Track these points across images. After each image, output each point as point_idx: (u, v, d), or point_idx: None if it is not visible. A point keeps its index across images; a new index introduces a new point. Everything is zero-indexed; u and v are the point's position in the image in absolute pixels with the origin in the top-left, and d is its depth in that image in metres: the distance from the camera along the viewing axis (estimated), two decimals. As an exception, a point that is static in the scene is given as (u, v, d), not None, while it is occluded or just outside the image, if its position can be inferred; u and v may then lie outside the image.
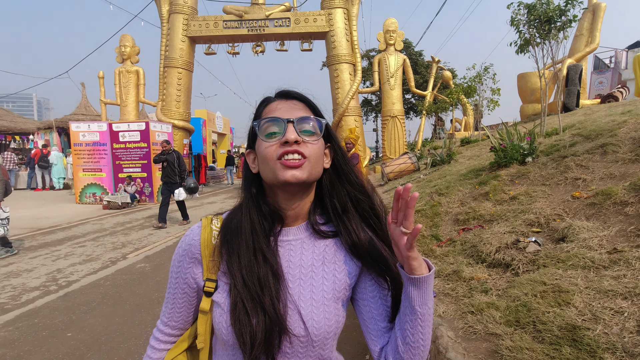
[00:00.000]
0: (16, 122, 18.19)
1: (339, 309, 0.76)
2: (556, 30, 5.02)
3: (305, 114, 0.75)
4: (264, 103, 0.78)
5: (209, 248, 0.76)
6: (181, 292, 0.80)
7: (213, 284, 0.75)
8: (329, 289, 0.76)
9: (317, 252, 0.78)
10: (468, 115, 15.96)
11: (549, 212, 2.75)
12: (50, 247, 5.96)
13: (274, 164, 0.71)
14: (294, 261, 0.77)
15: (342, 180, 0.80)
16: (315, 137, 0.74)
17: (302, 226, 0.80)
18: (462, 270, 2.38)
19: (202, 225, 0.79)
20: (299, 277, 0.76)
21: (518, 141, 4.14)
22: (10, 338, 3.00)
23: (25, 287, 4.16)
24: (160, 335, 0.84)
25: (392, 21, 13.01)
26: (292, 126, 0.71)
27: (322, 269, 0.77)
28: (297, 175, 0.70)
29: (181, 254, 0.79)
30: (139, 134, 11.05)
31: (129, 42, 13.39)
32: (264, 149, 0.72)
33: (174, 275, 0.80)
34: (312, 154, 0.72)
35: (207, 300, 0.75)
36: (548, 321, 1.61)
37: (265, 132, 0.73)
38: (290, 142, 0.70)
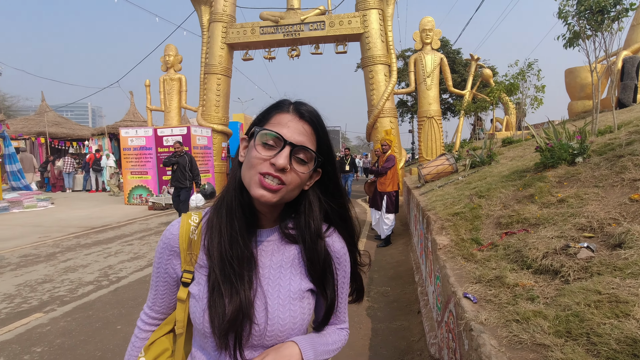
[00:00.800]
0: (74, 129, 19.77)
1: (304, 307, 0.80)
2: (610, 21, 4.66)
3: (308, 142, 0.75)
4: (277, 108, 0.78)
5: (187, 242, 0.82)
6: (162, 281, 0.86)
7: (190, 275, 0.81)
8: (295, 289, 0.80)
9: (287, 254, 0.83)
10: (510, 115, 15.21)
11: (602, 215, 2.56)
12: (102, 245, 6.40)
13: (254, 175, 0.73)
14: (265, 261, 0.81)
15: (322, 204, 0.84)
16: (304, 169, 0.75)
17: (275, 229, 0.84)
18: (506, 276, 2.27)
19: (181, 220, 0.85)
20: (268, 277, 0.80)
21: (567, 140, 3.88)
22: (68, 328, 3.26)
23: (81, 282, 4.50)
24: (146, 317, 0.92)
25: (428, 19, 12.71)
26: (288, 151, 0.72)
27: (289, 270, 0.82)
28: (267, 197, 0.72)
29: (162, 247, 0.85)
30: (181, 138, 11.60)
31: (172, 51, 14.11)
32: (254, 156, 0.74)
33: (156, 265, 0.87)
34: (292, 182, 0.74)
35: (184, 290, 0.82)
36: (604, 333, 1.49)
37: (262, 141, 0.74)
38: (277, 167, 0.71)
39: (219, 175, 13.75)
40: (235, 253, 0.76)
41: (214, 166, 13.16)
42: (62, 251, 6.00)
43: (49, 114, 19.30)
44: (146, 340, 0.91)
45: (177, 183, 7.08)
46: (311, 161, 0.76)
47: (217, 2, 13.27)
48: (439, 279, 2.86)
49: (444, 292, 2.63)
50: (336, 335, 0.89)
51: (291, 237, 0.83)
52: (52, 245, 6.42)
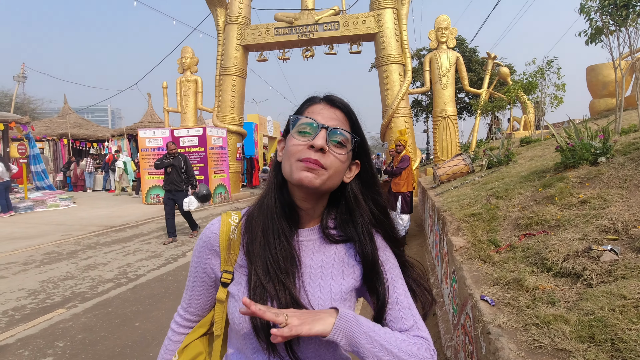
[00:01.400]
0: (94, 130, 20.35)
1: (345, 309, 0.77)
2: (635, 16, 4.49)
3: (342, 126, 0.76)
4: (309, 102, 0.80)
5: (227, 241, 0.81)
6: (200, 281, 0.85)
7: (229, 275, 0.80)
8: (337, 291, 0.78)
9: (328, 254, 0.81)
10: (528, 114, 14.85)
11: (627, 217, 2.47)
12: (121, 244, 6.55)
13: (294, 162, 0.73)
14: (306, 262, 0.80)
15: (366, 197, 0.83)
16: (343, 151, 0.75)
17: (315, 228, 0.83)
18: (525, 279, 2.22)
19: (221, 219, 0.84)
20: (309, 278, 0.78)
21: (588, 139, 3.77)
22: (89, 324, 3.35)
23: (101, 279, 4.62)
24: (180, 319, 0.90)
25: (444, 18, 12.54)
26: (324, 133, 0.73)
27: (331, 271, 0.80)
28: (310, 178, 0.72)
29: (201, 245, 0.84)
30: (197, 139, 11.79)
31: (189, 53, 14.35)
32: (291, 145, 0.75)
33: (194, 264, 0.86)
34: (332, 166, 0.73)
35: (224, 290, 0.80)
36: (630, 340, 1.44)
37: (298, 130, 0.75)
38: (316, 147, 0.72)
39: (233, 176, 13.90)
40: (278, 252, 0.76)
41: (229, 166, 13.31)
42: (83, 249, 6.17)
43: (71, 116, 19.92)
44: (180, 343, 0.90)
45: (172, 186, 6.54)
46: (348, 144, 0.76)
47: (232, 4, 13.43)
48: (455, 281, 2.82)
49: (460, 294, 2.59)
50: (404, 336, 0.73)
51: (331, 237, 0.82)
52: (74, 244, 6.61)
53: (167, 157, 6.60)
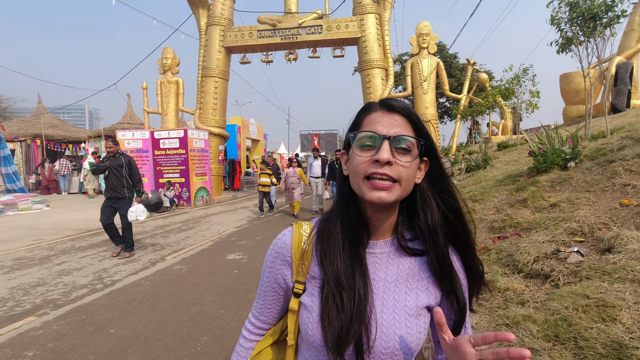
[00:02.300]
0: (70, 131, 19.71)
1: (420, 326, 0.76)
2: (602, 27, 4.72)
3: (404, 131, 0.72)
4: (365, 111, 0.77)
5: (299, 252, 0.81)
6: (271, 291, 0.85)
7: (301, 286, 0.80)
8: (412, 305, 0.76)
9: (402, 268, 0.79)
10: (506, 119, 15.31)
11: (593, 220, 2.59)
12: (98, 248, 6.37)
13: (362, 181, 0.71)
14: (379, 275, 0.78)
15: (436, 197, 0.78)
16: (410, 158, 0.71)
17: (389, 240, 0.80)
18: (497, 280, 2.29)
19: (293, 229, 0.84)
20: (383, 291, 0.77)
21: (559, 145, 3.92)
22: (61, 332, 3.24)
23: (75, 285, 4.47)
24: (251, 327, 0.91)
25: (425, 24, 12.80)
26: (388, 144, 0.70)
27: (405, 285, 0.78)
28: (384, 198, 0.70)
29: (274, 256, 0.84)
30: (178, 141, 11.60)
31: (170, 54, 14.13)
32: (356, 162, 0.72)
33: (266, 274, 0.86)
34: (403, 177, 0.70)
35: (296, 300, 0.80)
36: (591, 338, 1.51)
37: (359, 144, 0.72)
38: (381, 162, 0.69)
39: (215, 178, 13.73)
40: (349, 265, 0.75)
41: (211, 169, 13.14)
42: (57, 254, 5.96)
43: (45, 116, 19.23)
44: (251, 350, 0.90)
45: (112, 192, 5.59)
46: (414, 148, 0.72)
47: (215, 5, 13.32)
48: (432, 283, 2.87)
49: (436, 296, 2.65)
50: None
51: (408, 249, 0.79)
52: (47, 248, 6.38)
53: (106, 158, 5.68)
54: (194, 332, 3.18)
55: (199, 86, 13.69)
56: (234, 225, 8.47)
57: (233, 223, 8.82)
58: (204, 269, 5.10)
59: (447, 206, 0.78)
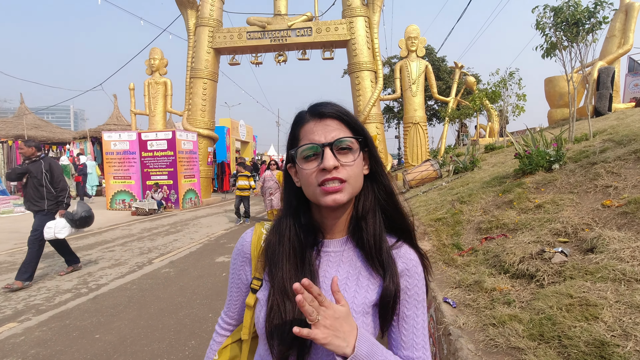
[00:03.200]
0: (54, 132, 19.29)
1: (367, 324, 0.77)
2: (585, 33, 4.85)
3: (341, 133, 0.74)
4: (298, 124, 0.78)
5: (258, 249, 0.83)
6: (236, 287, 0.89)
7: (259, 282, 0.82)
8: (359, 303, 0.77)
9: (355, 266, 0.80)
10: (492, 121, 15.57)
11: (577, 221, 2.64)
12: (82, 252, 6.23)
13: (315, 189, 0.73)
14: (331, 272, 0.80)
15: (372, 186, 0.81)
16: (353, 157, 0.74)
17: (343, 239, 0.82)
18: (484, 280, 2.32)
19: (255, 228, 0.87)
20: None
21: (544, 147, 4.01)
22: (43, 338, 3.16)
23: (58, 290, 4.37)
24: (222, 322, 0.96)
25: (413, 28, 12.94)
26: (329, 150, 0.72)
27: (356, 283, 0.79)
28: (338, 200, 0.72)
29: (236, 253, 0.88)
30: (166, 142, 11.46)
31: (157, 54, 13.97)
32: (305, 174, 0.74)
33: (231, 271, 0.90)
34: (351, 176, 0.73)
35: (252, 296, 0.83)
36: (574, 336, 1.54)
37: (303, 157, 0.74)
38: (328, 169, 0.71)
39: (204, 180, 13.60)
40: (298, 274, 0.76)
41: (200, 171, 13.02)
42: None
43: (28, 116, 18.78)
44: (221, 344, 0.94)
45: (28, 205, 4.68)
46: (354, 146, 0.74)
47: (203, 6, 13.23)
48: (420, 284, 2.89)
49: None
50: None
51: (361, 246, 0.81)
52: (29, 252, 6.22)
53: (22, 163, 4.69)
54: (181, 336, 3.14)
55: (187, 87, 13.56)
56: (223, 228, 8.40)
57: (222, 225, 8.74)
58: (192, 272, 5.04)
59: (383, 194, 0.81)
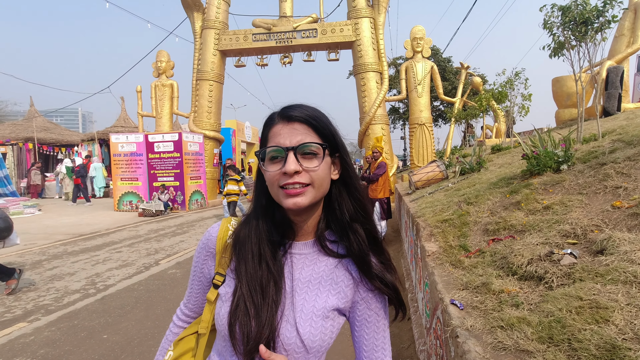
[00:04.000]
0: (63, 134, 19.54)
1: (326, 328, 0.77)
2: (593, 32, 4.79)
3: (306, 137, 0.74)
4: (268, 125, 0.79)
5: (223, 245, 0.83)
6: (197, 280, 0.89)
7: (221, 277, 0.82)
8: (320, 307, 0.78)
9: (317, 270, 0.81)
10: (499, 122, 15.45)
11: (586, 222, 2.61)
12: (90, 253, 6.30)
13: (277, 190, 0.74)
14: (295, 274, 0.80)
15: (349, 192, 0.82)
16: (317, 162, 0.74)
17: (310, 242, 0.83)
18: (492, 282, 2.29)
19: (221, 223, 0.87)
20: (296, 291, 0.79)
21: (552, 148, 3.96)
22: (52, 338, 3.19)
23: (67, 290, 4.42)
24: (180, 313, 0.95)
25: (419, 28, 12.90)
26: (292, 155, 0.72)
27: (317, 287, 0.80)
28: (299, 203, 0.72)
29: (200, 247, 0.87)
30: (173, 144, 11.55)
31: (164, 57, 14.09)
32: (269, 176, 0.75)
33: (194, 264, 0.90)
34: (315, 179, 0.73)
35: (214, 291, 0.83)
36: (585, 339, 1.52)
37: (268, 158, 0.75)
38: (289, 173, 0.71)
39: (210, 182, 13.67)
40: (262, 277, 0.76)
41: (206, 172, 13.08)
42: (49, 259, 5.89)
43: (37, 119, 19.05)
44: (177, 335, 0.94)
45: None
46: (320, 151, 0.74)
47: (209, 9, 13.32)
48: (427, 286, 2.88)
49: (432, 299, 2.65)
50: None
51: (327, 249, 0.81)
52: (38, 253, 6.30)
53: None
54: (188, 337, 3.16)
55: (193, 89, 13.65)
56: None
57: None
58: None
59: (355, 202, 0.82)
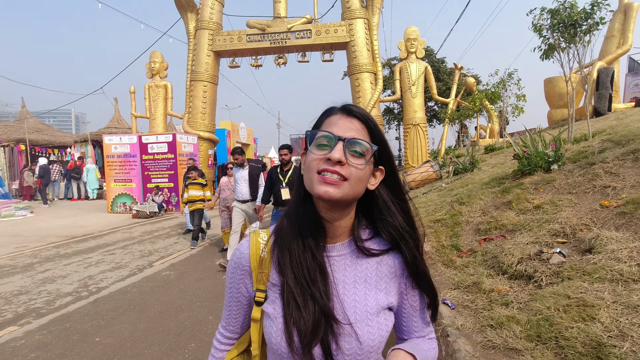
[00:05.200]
0: (55, 136, 19.33)
1: (381, 324, 0.78)
2: (582, 34, 4.86)
3: (360, 135, 0.74)
4: (326, 113, 0.79)
5: (257, 260, 0.81)
6: (235, 301, 0.86)
7: (262, 294, 0.80)
8: (372, 304, 0.78)
9: (360, 269, 0.80)
10: (493, 122, 15.56)
11: (575, 221, 2.64)
12: (83, 255, 6.24)
13: (313, 175, 0.73)
14: (338, 277, 0.79)
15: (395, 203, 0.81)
16: (362, 161, 0.73)
17: (345, 243, 0.82)
18: (483, 281, 2.32)
19: (250, 238, 0.84)
20: (343, 292, 0.78)
21: (543, 148, 4.01)
22: (44, 341, 3.16)
23: (59, 293, 4.38)
24: (221, 337, 0.91)
25: (413, 29, 12.97)
26: (342, 145, 0.72)
27: (364, 285, 0.79)
28: (331, 193, 0.71)
29: (233, 266, 0.85)
30: (167, 145, 11.48)
31: (158, 58, 14.01)
32: (310, 159, 0.75)
33: (229, 285, 0.86)
34: (352, 176, 0.73)
35: (258, 309, 0.81)
36: (571, 337, 1.54)
37: (316, 144, 0.74)
38: (333, 160, 0.71)
39: (205, 183, 13.59)
40: (308, 265, 0.76)
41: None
42: (40, 261, 5.83)
43: (29, 120, 18.84)
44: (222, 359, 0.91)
45: None
46: (367, 153, 0.74)
47: (203, 9, 13.28)
48: (419, 286, 2.90)
49: (424, 299, 2.67)
50: (428, 344, 0.86)
51: (366, 250, 0.81)
52: (30, 256, 6.23)
53: None
54: (181, 339, 3.14)
55: (187, 90, 13.59)
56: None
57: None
58: (192, 274, 5.04)
59: (404, 213, 0.82)
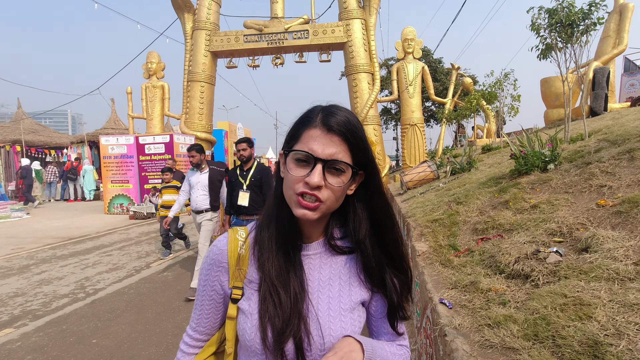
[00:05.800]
0: (52, 137, 19.25)
1: (354, 319, 0.79)
2: (579, 34, 4.88)
3: (340, 153, 0.72)
4: (306, 123, 0.75)
5: (235, 257, 0.81)
6: (208, 299, 0.84)
7: (239, 291, 0.80)
8: (346, 301, 0.79)
9: (335, 266, 0.82)
10: (490, 122, 15.62)
11: (571, 221, 2.66)
12: (80, 256, 6.22)
13: (292, 195, 0.73)
14: (314, 274, 0.81)
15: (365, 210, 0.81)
16: (342, 181, 0.73)
17: (321, 242, 0.83)
18: (480, 281, 2.32)
19: (229, 235, 0.84)
20: (317, 290, 0.80)
21: (539, 148, 4.02)
22: (40, 343, 3.14)
23: (55, 295, 4.36)
24: (189, 339, 0.89)
25: (410, 29, 13.00)
26: (320, 168, 0.70)
27: (338, 282, 0.81)
28: (308, 216, 0.72)
29: (209, 263, 0.83)
30: (164, 146, 11.46)
31: (155, 58, 13.97)
32: (290, 179, 0.73)
33: (202, 282, 0.84)
34: (329, 198, 0.72)
35: (234, 307, 0.80)
36: (568, 336, 1.55)
37: (295, 157, 0.73)
38: (311, 185, 0.70)
39: (202, 183, 13.56)
40: (284, 266, 0.77)
41: (198, 174, 12.99)
42: (37, 263, 5.80)
43: (25, 121, 18.75)
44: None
45: None
46: (348, 170, 0.73)
47: (200, 10, 13.26)
48: (417, 285, 2.90)
49: (422, 298, 2.67)
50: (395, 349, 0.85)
51: (338, 248, 0.82)
52: (26, 257, 6.20)
53: None
54: (178, 340, 3.13)
55: (184, 91, 13.56)
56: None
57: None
58: (190, 275, 5.03)
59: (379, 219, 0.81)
